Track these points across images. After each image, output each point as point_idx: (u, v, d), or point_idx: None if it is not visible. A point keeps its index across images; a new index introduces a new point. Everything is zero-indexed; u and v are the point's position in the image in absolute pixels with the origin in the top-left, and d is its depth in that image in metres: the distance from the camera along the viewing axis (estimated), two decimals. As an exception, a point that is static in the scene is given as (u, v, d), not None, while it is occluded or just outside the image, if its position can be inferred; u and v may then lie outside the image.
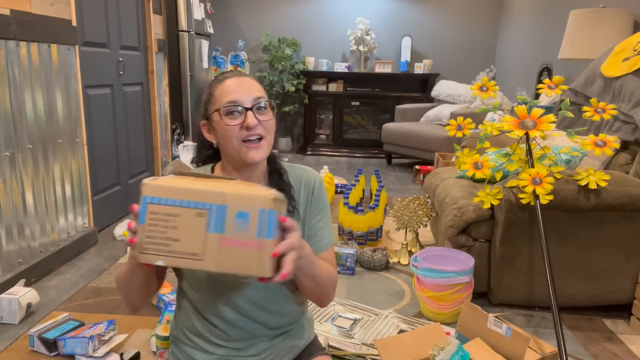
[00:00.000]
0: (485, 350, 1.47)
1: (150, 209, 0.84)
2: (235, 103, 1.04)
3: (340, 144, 5.86)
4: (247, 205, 0.82)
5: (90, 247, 2.77)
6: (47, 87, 2.39)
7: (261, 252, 0.82)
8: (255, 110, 1.05)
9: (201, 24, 4.83)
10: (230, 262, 0.82)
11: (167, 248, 0.84)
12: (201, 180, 0.88)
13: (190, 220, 0.83)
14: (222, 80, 1.08)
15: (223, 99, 1.05)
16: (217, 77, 1.10)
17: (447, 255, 2.09)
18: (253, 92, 1.06)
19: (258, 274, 0.82)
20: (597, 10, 2.98)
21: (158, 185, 0.84)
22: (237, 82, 1.06)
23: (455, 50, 5.87)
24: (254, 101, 1.05)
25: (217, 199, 0.83)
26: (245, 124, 1.03)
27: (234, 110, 1.04)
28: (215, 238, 0.83)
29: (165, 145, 3.89)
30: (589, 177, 1.89)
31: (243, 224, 0.82)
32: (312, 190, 1.17)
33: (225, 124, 1.04)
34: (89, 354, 1.68)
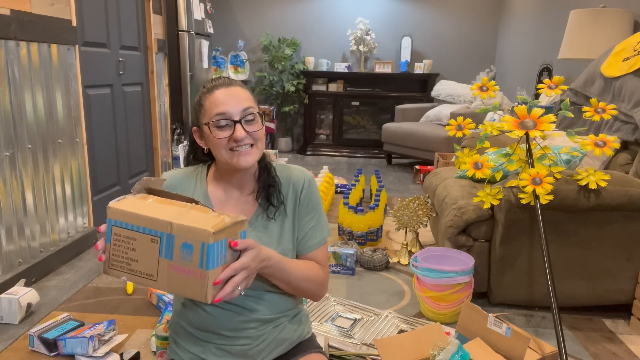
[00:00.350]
0: (485, 350, 1.47)
1: (114, 231, 0.93)
2: (224, 116, 1.07)
3: (340, 144, 5.86)
4: (190, 238, 0.88)
5: (90, 247, 2.77)
6: (47, 87, 2.39)
7: (203, 281, 0.88)
8: (244, 122, 1.08)
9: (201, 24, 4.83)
10: (179, 286, 0.90)
11: (128, 266, 0.93)
12: (161, 204, 0.95)
13: (146, 245, 0.91)
14: (212, 90, 1.10)
15: (212, 110, 1.08)
16: (206, 86, 1.12)
17: (447, 255, 2.09)
18: (241, 103, 1.09)
19: (201, 299, 0.89)
20: (597, 10, 2.98)
21: (120, 210, 0.93)
22: (226, 93, 1.09)
23: (455, 50, 5.87)
24: (242, 113, 1.08)
25: (166, 228, 0.89)
26: (234, 137, 1.07)
27: (224, 124, 1.08)
28: (165, 263, 0.90)
29: (165, 145, 3.89)
30: (589, 177, 1.89)
31: (187, 254, 0.88)
32: (301, 189, 1.19)
33: (215, 136, 1.08)
34: (89, 354, 1.68)
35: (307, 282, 1.16)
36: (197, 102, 1.13)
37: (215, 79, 1.14)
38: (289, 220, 1.19)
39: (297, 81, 5.75)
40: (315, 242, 1.20)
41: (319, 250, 1.22)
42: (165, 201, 0.97)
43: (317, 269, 1.19)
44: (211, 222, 0.88)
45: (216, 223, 0.88)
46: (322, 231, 1.22)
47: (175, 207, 0.94)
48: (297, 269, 1.13)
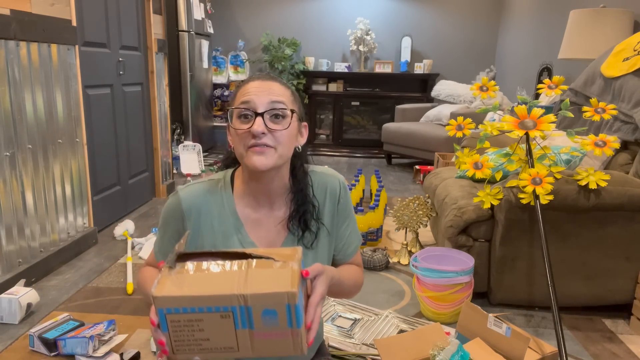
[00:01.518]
0: (485, 350, 1.47)
1: (170, 319, 0.80)
2: (248, 105, 0.96)
3: (340, 144, 5.86)
4: (271, 303, 0.79)
5: (90, 247, 2.77)
6: (47, 87, 2.39)
7: (296, 339, 0.81)
8: (268, 117, 0.96)
9: (201, 24, 4.83)
10: (267, 349, 0.82)
11: (200, 347, 0.82)
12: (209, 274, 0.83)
13: (216, 322, 0.80)
14: (248, 81, 1.01)
15: (239, 98, 0.98)
16: (246, 79, 1.04)
17: (447, 255, 2.09)
18: (272, 96, 0.96)
19: (297, 354, 0.82)
20: (597, 10, 2.98)
21: (169, 297, 0.79)
22: (260, 84, 0.98)
23: (455, 50, 5.87)
24: (269, 105, 0.96)
25: (238, 301, 0.79)
26: (251, 130, 0.95)
27: (246, 113, 0.96)
28: (246, 333, 0.81)
29: (165, 145, 3.89)
30: (589, 177, 1.89)
31: (272, 319, 0.80)
32: (338, 198, 1.12)
33: (233, 125, 0.98)
34: (89, 354, 1.68)
35: (355, 287, 1.14)
36: (233, 95, 1.02)
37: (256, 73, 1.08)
38: (324, 234, 1.10)
39: (297, 81, 5.75)
40: (354, 248, 1.17)
41: (357, 254, 1.20)
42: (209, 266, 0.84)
43: (360, 272, 1.18)
44: (286, 279, 0.79)
45: (291, 278, 0.79)
46: (358, 235, 1.19)
47: (229, 272, 0.82)
48: (349, 278, 1.10)
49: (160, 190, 3.79)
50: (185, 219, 1.04)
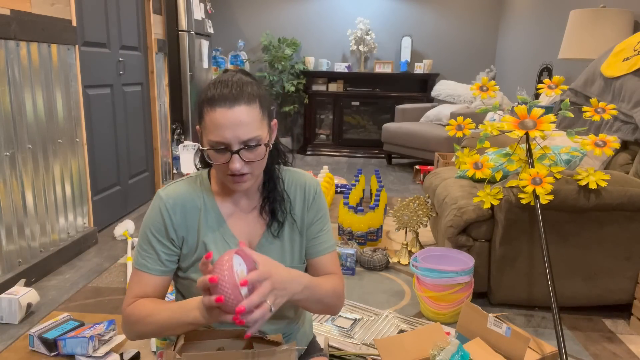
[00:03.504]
0: (485, 350, 1.46)
1: None
2: (222, 144, 0.97)
3: (340, 144, 5.86)
4: None
5: (90, 247, 2.77)
6: (47, 87, 2.39)
7: None
8: (243, 151, 0.98)
9: (201, 24, 4.83)
10: None
11: None
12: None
13: None
14: (214, 106, 0.97)
15: (210, 133, 0.97)
16: (208, 96, 0.98)
17: (447, 255, 2.09)
18: (243, 132, 0.96)
19: None
20: (597, 10, 2.98)
21: None
22: (230, 117, 0.95)
23: (455, 50, 5.87)
24: (242, 143, 0.97)
25: None
26: (229, 167, 0.98)
27: (222, 149, 0.98)
28: None
29: (165, 145, 3.89)
30: (589, 177, 1.89)
31: None
32: (311, 197, 1.14)
33: (212, 159, 1.00)
34: (89, 354, 1.68)
35: (334, 297, 1.11)
36: (199, 106, 1.01)
37: (220, 84, 0.99)
38: (292, 227, 1.13)
39: (297, 81, 5.75)
40: (326, 247, 1.16)
41: (331, 254, 1.16)
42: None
43: (338, 280, 1.14)
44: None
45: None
46: (331, 239, 1.18)
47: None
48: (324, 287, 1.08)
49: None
50: (171, 215, 1.05)
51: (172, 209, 1.06)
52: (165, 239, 1.06)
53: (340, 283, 1.15)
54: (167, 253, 1.06)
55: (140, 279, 1.06)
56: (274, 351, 0.92)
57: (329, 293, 1.09)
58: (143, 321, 1.01)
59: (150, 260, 1.06)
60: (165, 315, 0.98)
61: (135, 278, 1.07)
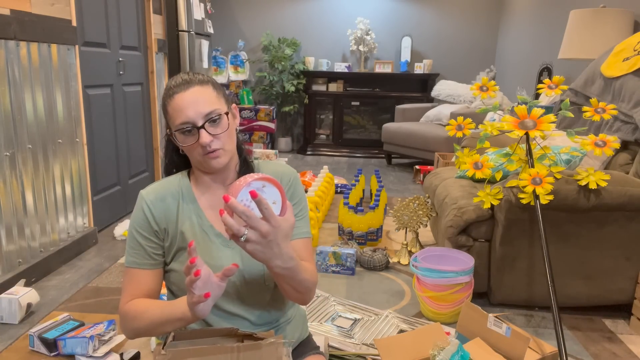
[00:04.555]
0: (485, 350, 1.46)
1: None
2: (187, 124, 1.04)
3: (340, 144, 5.86)
4: None
5: (90, 247, 2.77)
6: (47, 87, 2.39)
7: None
8: (208, 125, 1.05)
9: (201, 24, 4.83)
10: None
11: None
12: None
13: None
14: (172, 95, 1.06)
15: (175, 119, 1.05)
16: (167, 89, 1.08)
17: (447, 255, 2.09)
18: (202, 106, 1.04)
19: None
20: (597, 10, 2.98)
21: None
22: (185, 98, 1.04)
23: (455, 50, 5.87)
24: (205, 117, 1.04)
25: None
26: (200, 143, 1.04)
27: (187, 128, 1.04)
28: None
29: (165, 145, 3.89)
30: (589, 177, 1.89)
31: None
32: (286, 184, 1.16)
33: (182, 143, 1.07)
34: (89, 354, 1.68)
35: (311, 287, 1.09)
36: (163, 106, 1.10)
37: (176, 78, 1.09)
38: None
39: (297, 81, 5.75)
40: (301, 231, 1.14)
41: (305, 241, 1.14)
42: None
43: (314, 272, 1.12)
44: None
45: None
46: (307, 225, 1.16)
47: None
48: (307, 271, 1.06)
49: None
50: (152, 209, 1.10)
51: (153, 204, 1.10)
52: (149, 233, 1.10)
53: (315, 274, 1.12)
54: (153, 247, 1.10)
55: (132, 277, 1.10)
56: (259, 344, 0.92)
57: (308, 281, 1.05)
58: (137, 318, 1.05)
59: (138, 257, 1.10)
60: (157, 312, 1.02)
61: (128, 277, 1.11)
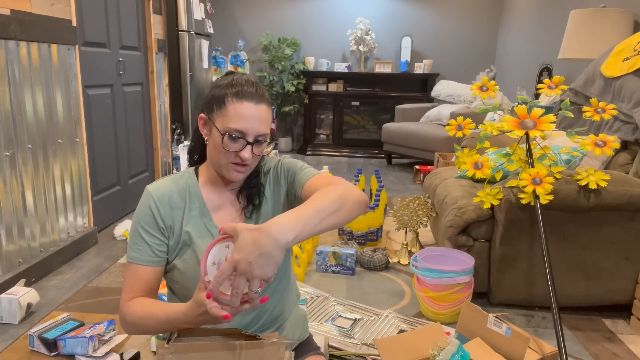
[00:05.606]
0: (485, 350, 1.46)
1: None
2: (242, 134, 1.06)
3: (340, 144, 5.86)
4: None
5: (90, 247, 2.77)
6: (47, 87, 2.39)
7: None
8: (255, 145, 1.08)
9: (201, 24, 4.83)
10: None
11: None
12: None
13: None
14: (241, 99, 1.05)
15: (233, 121, 1.04)
16: (238, 88, 1.06)
17: (447, 255, 2.09)
18: (263, 127, 1.07)
19: None
20: (597, 10, 2.98)
21: None
22: (255, 112, 1.06)
23: (455, 50, 5.87)
24: (257, 137, 1.07)
25: None
26: (240, 155, 1.06)
27: (237, 136, 1.06)
28: None
29: (165, 145, 3.89)
30: (589, 177, 1.89)
31: None
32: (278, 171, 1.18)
33: (224, 146, 1.06)
34: (89, 354, 1.68)
35: (344, 195, 0.96)
36: (219, 97, 1.06)
37: (247, 83, 1.07)
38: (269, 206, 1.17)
39: (297, 81, 5.75)
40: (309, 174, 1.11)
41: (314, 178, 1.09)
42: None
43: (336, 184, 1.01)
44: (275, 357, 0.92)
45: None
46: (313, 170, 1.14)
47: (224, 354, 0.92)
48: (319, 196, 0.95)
49: (160, 190, 3.79)
50: (158, 206, 1.10)
51: (160, 200, 1.10)
52: (154, 230, 1.10)
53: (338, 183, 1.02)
54: (157, 244, 1.10)
55: (134, 272, 1.10)
56: (261, 343, 0.93)
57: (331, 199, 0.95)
58: (137, 323, 1.06)
59: (142, 252, 1.10)
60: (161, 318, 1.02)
61: (129, 272, 1.11)
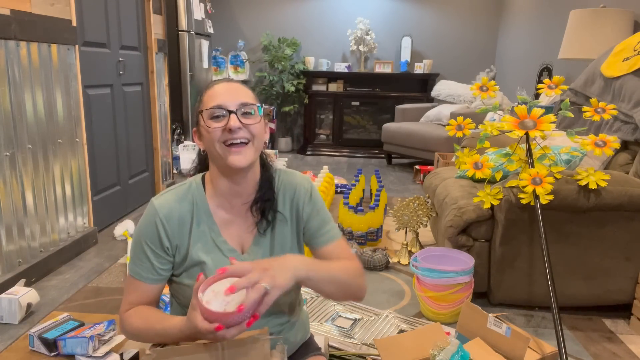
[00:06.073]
0: (485, 350, 1.46)
1: None
2: (220, 106, 1.03)
3: (340, 144, 5.86)
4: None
5: (90, 247, 2.77)
6: (47, 87, 2.39)
7: None
8: (241, 114, 1.03)
9: (201, 24, 4.83)
10: None
11: None
12: None
13: None
14: (212, 86, 1.08)
15: (209, 102, 1.05)
16: (208, 84, 1.10)
17: (447, 255, 2.09)
18: (240, 97, 1.04)
19: None
20: (597, 10, 2.98)
21: None
22: (226, 87, 1.06)
23: (455, 50, 5.87)
24: (240, 105, 1.04)
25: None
26: (228, 126, 1.01)
27: (218, 114, 1.03)
28: None
29: (165, 145, 3.89)
30: (589, 177, 1.89)
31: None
32: (303, 195, 1.15)
33: (208, 126, 1.03)
34: (89, 354, 1.68)
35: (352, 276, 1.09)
36: (198, 100, 1.10)
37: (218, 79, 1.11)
38: (284, 223, 1.14)
39: (297, 81, 5.75)
40: (330, 236, 1.16)
41: (337, 242, 1.15)
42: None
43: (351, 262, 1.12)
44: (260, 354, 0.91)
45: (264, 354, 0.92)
46: (335, 228, 1.18)
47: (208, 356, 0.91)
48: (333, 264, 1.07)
49: (161, 190, 3.79)
50: (165, 225, 1.07)
51: (166, 218, 1.07)
52: (159, 249, 1.08)
53: (354, 263, 1.12)
54: (161, 262, 1.08)
55: (134, 286, 1.10)
56: (243, 341, 0.91)
57: (341, 272, 1.06)
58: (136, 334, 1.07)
59: (144, 269, 1.08)
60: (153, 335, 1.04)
61: (130, 285, 1.10)
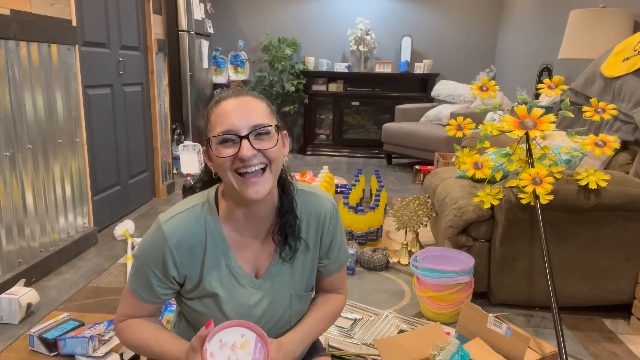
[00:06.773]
0: (485, 350, 1.46)
1: None
2: (229, 131, 0.89)
3: (340, 144, 5.86)
4: None
5: (90, 247, 2.77)
6: (47, 87, 2.39)
7: None
8: (254, 137, 0.90)
9: (201, 24, 4.83)
10: None
11: None
12: None
13: None
14: (219, 102, 0.94)
15: (217, 125, 0.91)
16: (215, 98, 0.96)
17: (447, 255, 2.09)
18: (252, 117, 0.91)
19: None
20: (597, 10, 2.98)
21: None
22: (235, 105, 0.91)
23: (455, 50, 5.87)
24: (252, 128, 0.90)
25: None
26: (239, 156, 0.89)
27: (229, 139, 0.90)
28: None
29: (165, 145, 3.89)
30: (589, 177, 1.89)
31: None
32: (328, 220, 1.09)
33: (217, 154, 0.91)
34: (89, 354, 1.68)
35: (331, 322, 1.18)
36: (205, 118, 0.97)
37: (224, 91, 0.96)
38: (304, 251, 1.08)
39: (297, 81, 5.75)
40: (340, 264, 1.18)
41: (340, 273, 1.20)
42: None
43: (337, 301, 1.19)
44: None
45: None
46: (345, 251, 1.18)
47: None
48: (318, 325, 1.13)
49: (160, 190, 3.79)
50: (174, 255, 0.98)
51: (177, 247, 0.97)
52: (164, 277, 1.00)
53: (342, 303, 1.20)
54: (164, 288, 1.02)
55: (132, 302, 1.04)
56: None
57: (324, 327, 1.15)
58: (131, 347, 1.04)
59: (144, 291, 1.02)
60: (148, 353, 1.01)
61: (128, 299, 1.04)
